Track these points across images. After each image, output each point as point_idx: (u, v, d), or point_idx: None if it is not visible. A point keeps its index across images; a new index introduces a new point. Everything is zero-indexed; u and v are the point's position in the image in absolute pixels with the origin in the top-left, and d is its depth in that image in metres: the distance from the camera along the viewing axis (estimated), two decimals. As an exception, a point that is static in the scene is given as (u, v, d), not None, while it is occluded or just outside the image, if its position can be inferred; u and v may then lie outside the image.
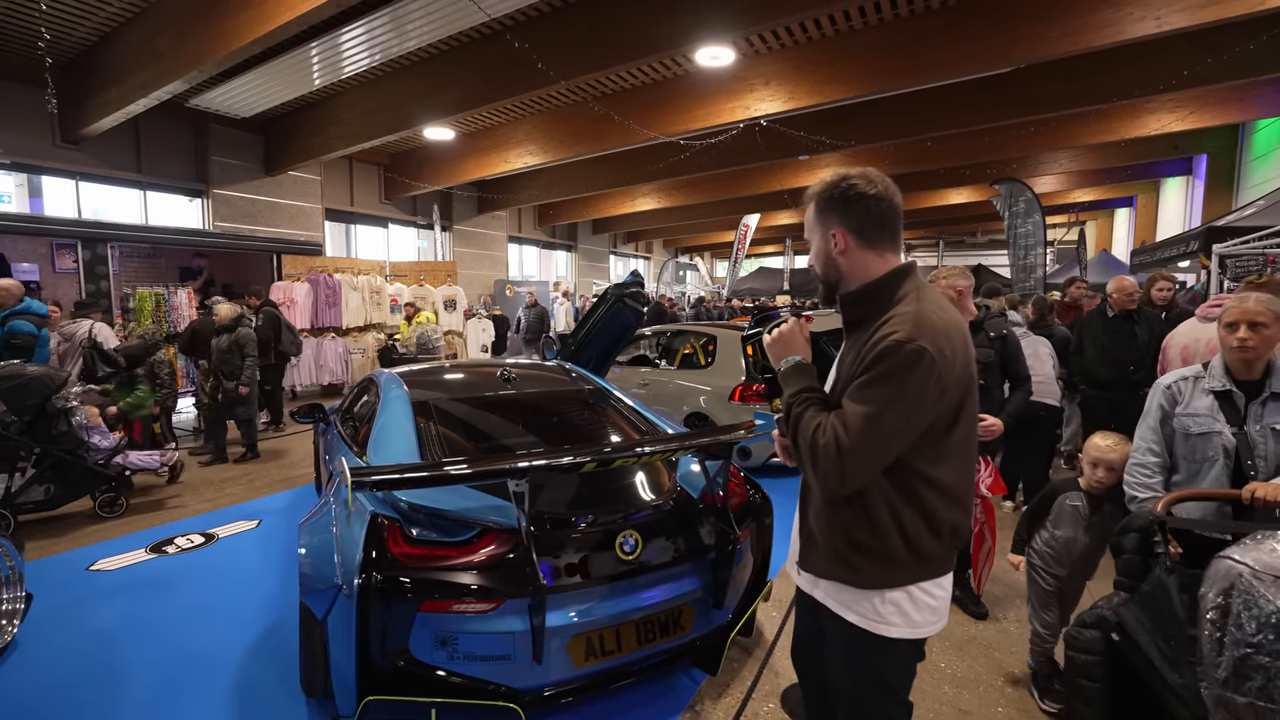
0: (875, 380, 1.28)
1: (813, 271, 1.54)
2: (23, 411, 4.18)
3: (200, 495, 5.16)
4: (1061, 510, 2.46)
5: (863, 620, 1.41)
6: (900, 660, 1.45)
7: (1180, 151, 12.36)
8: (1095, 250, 17.02)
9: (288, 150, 10.05)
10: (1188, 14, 6.07)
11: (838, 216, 1.42)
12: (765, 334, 1.55)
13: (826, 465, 1.29)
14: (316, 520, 2.43)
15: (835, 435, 1.28)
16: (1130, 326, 4.25)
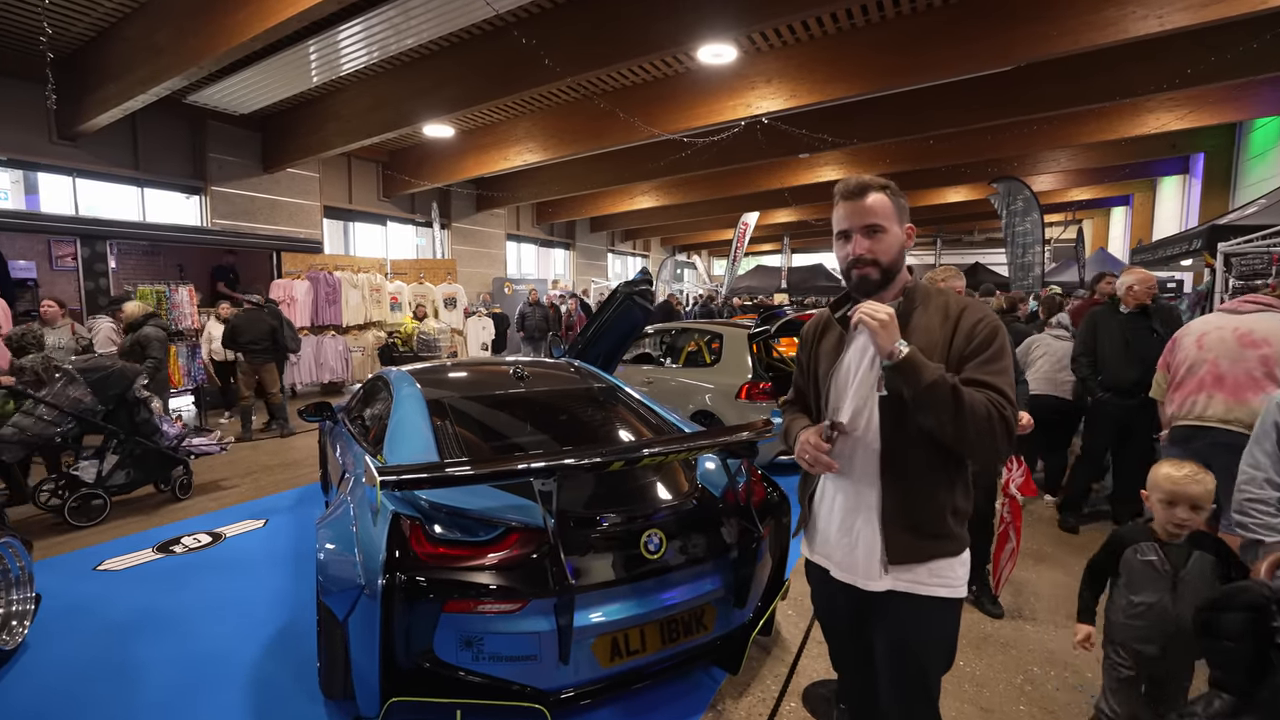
0: (998, 354, 1.46)
1: (870, 254, 1.52)
2: (108, 401, 4.50)
3: (205, 494, 5.12)
4: (1132, 568, 1.92)
5: (948, 588, 1.51)
6: (958, 618, 1.60)
7: (1178, 150, 12.42)
8: (1092, 249, 17.09)
9: (286, 147, 9.99)
10: (1190, 12, 6.09)
11: (907, 216, 1.58)
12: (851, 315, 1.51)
13: (1008, 433, 1.41)
14: (335, 520, 2.40)
15: (1010, 405, 1.41)
16: (1148, 323, 4.01)
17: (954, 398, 1.36)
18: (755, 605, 2.49)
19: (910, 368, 1.38)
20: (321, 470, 4.70)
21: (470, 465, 2.03)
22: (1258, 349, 2.83)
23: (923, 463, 1.48)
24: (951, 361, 1.46)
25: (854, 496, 1.56)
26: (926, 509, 1.49)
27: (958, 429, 1.38)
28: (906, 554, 1.49)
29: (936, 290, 1.58)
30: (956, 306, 1.52)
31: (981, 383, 1.41)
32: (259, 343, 6.96)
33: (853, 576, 1.58)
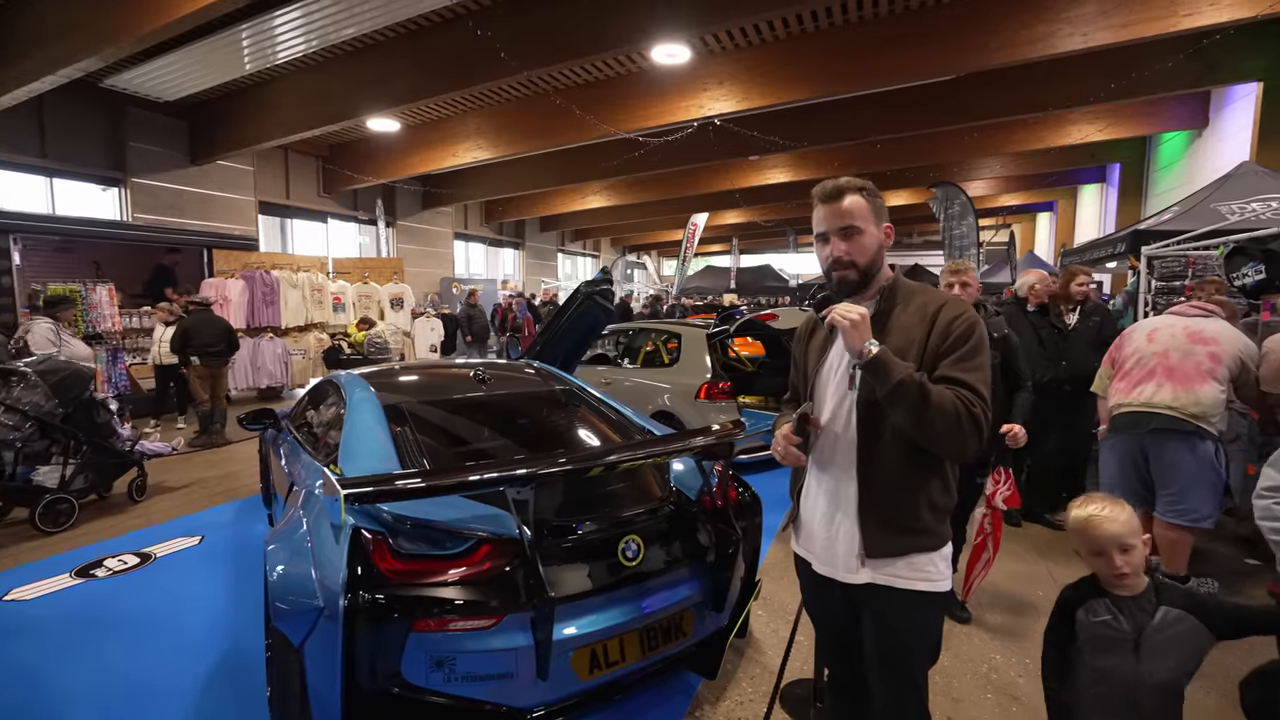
0: (974, 350, 1.47)
1: (846, 256, 1.55)
2: (67, 403, 4.42)
3: (131, 511, 4.74)
4: (1088, 632, 1.62)
5: (928, 582, 1.51)
6: (940, 613, 1.63)
7: (1097, 160, 13.27)
8: (1022, 252, 18.04)
9: (217, 138, 9.42)
10: (1111, 32, 6.49)
11: (886, 215, 1.59)
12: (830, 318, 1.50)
13: (976, 430, 1.40)
14: (287, 536, 2.23)
15: (980, 402, 1.41)
16: (1047, 319, 4.21)
17: (920, 396, 1.39)
18: (731, 608, 2.46)
19: (879, 366, 1.42)
20: (263, 481, 4.42)
21: (443, 474, 1.91)
22: (1207, 345, 3.12)
23: (897, 459, 1.50)
24: (928, 358, 1.48)
25: (834, 491, 1.59)
26: (901, 504, 1.50)
27: (925, 426, 1.40)
28: (883, 548, 1.51)
29: (919, 288, 1.60)
30: (935, 304, 1.54)
31: (953, 379, 1.43)
32: (215, 344, 6.73)
33: (833, 570, 1.61)
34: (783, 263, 24.41)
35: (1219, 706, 2.43)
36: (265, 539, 2.36)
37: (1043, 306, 4.24)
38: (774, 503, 2.74)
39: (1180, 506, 3.14)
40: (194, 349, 6.59)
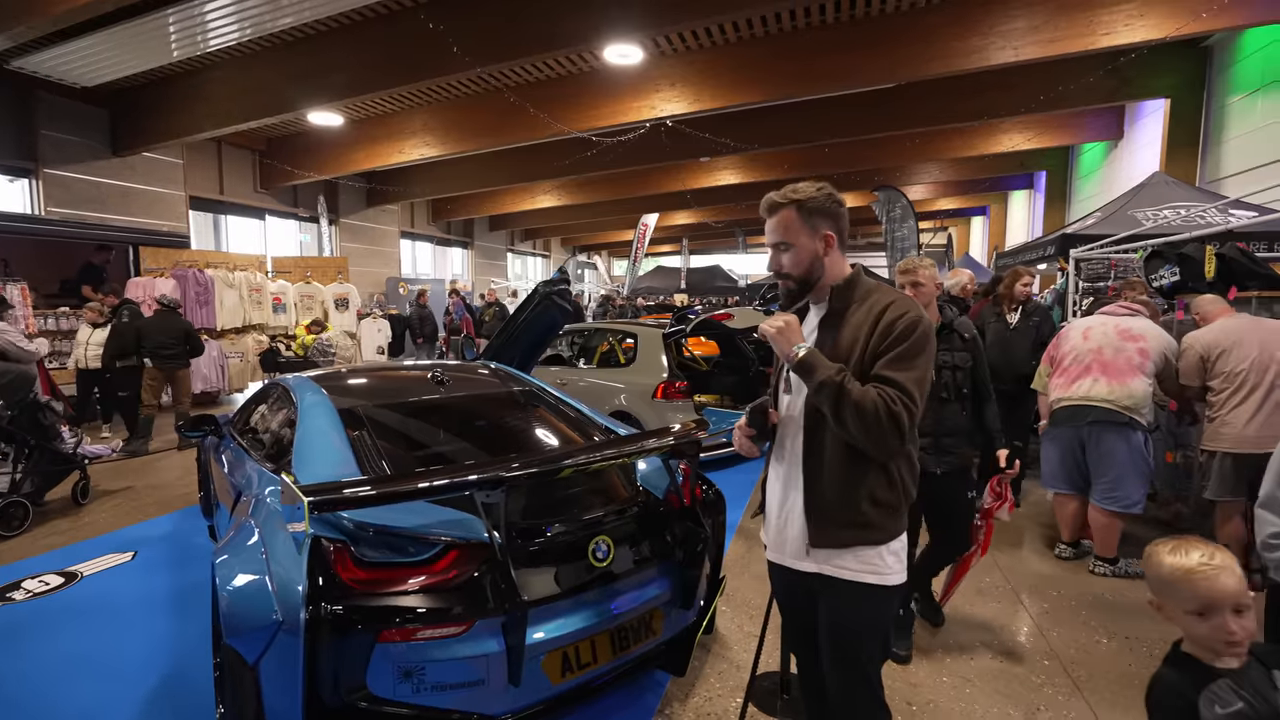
0: (912, 350, 1.49)
1: (781, 269, 1.64)
2: (12, 406, 4.42)
3: (52, 526, 4.41)
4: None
5: (876, 575, 1.56)
6: (896, 603, 1.69)
7: (1025, 168, 14.02)
8: (959, 254, 18.89)
9: (142, 128, 8.86)
10: (1039, 47, 6.89)
11: (829, 222, 1.61)
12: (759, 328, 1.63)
13: (898, 428, 1.44)
14: (239, 548, 2.13)
15: (902, 401, 1.44)
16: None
17: (839, 395, 1.45)
18: (698, 605, 2.48)
19: (804, 368, 1.51)
20: (202, 491, 4.19)
21: (412, 479, 1.86)
22: (1136, 342, 3.40)
23: (837, 455, 1.55)
24: (868, 357, 1.52)
25: (786, 483, 1.67)
26: (842, 498, 1.56)
27: (845, 423, 1.46)
28: (826, 539, 1.58)
29: (875, 287, 1.64)
30: (882, 304, 1.57)
31: (882, 378, 1.48)
32: (171, 346, 6.53)
33: (781, 556, 1.69)
34: (732, 263, 24.79)
35: None
36: (213, 552, 2.24)
37: (963, 307, 4.40)
38: (732, 499, 2.80)
39: (1115, 493, 3.37)
40: (147, 350, 6.44)
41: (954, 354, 2.70)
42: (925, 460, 2.49)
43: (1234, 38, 7.72)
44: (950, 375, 2.69)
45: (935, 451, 2.64)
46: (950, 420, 2.68)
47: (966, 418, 2.75)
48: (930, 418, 2.53)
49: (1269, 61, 7.21)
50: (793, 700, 2.41)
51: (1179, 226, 5.52)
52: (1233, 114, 7.87)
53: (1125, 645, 2.88)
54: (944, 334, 2.69)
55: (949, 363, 2.68)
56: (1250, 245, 4.92)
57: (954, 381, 2.69)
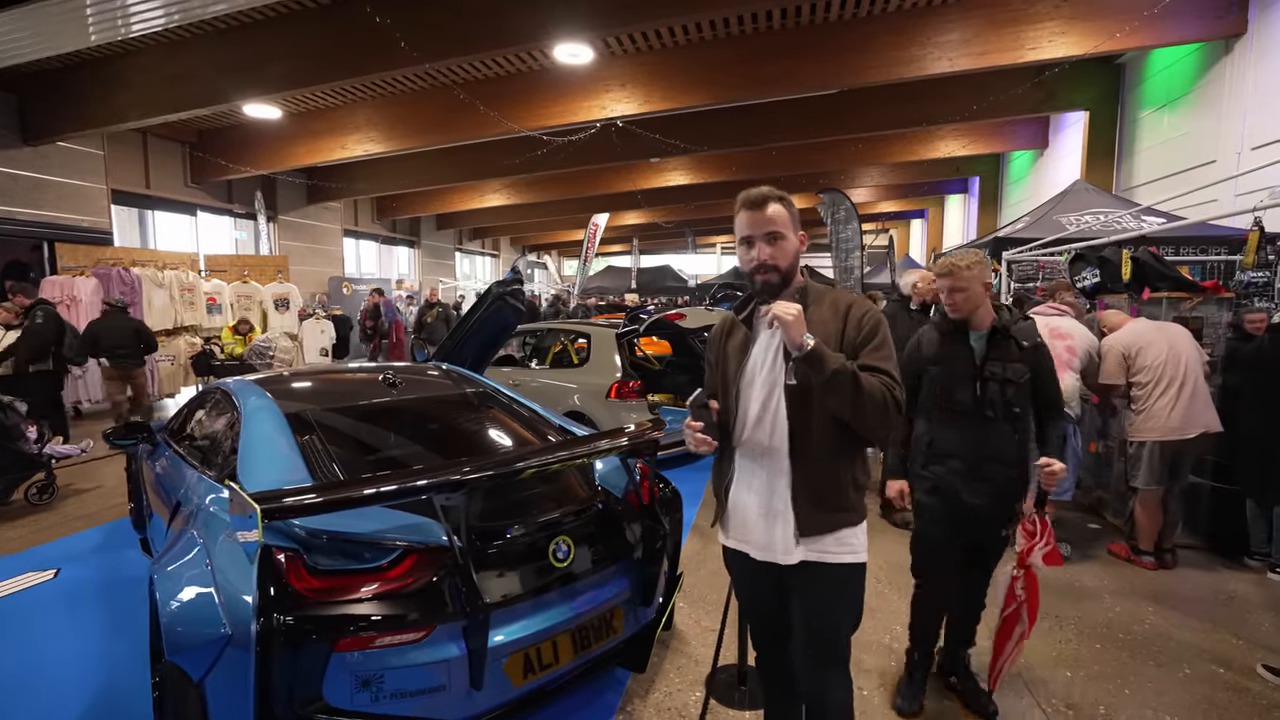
0: (884, 342, 1.63)
1: (770, 260, 1.66)
2: None
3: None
4: None
5: (853, 554, 1.66)
6: (863, 580, 1.74)
7: (960, 174, 14.71)
8: (900, 256, 19.60)
9: (58, 116, 8.27)
10: (971, 58, 7.26)
11: (799, 225, 1.71)
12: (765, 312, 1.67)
13: (898, 411, 1.56)
14: (179, 560, 2.03)
15: (897, 387, 1.57)
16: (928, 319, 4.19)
17: (854, 383, 1.53)
18: (658, 603, 2.51)
19: (816, 358, 1.54)
20: (133, 503, 3.95)
21: (365, 484, 1.82)
22: (1064, 340, 3.66)
23: (826, 443, 1.62)
24: (845, 350, 1.62)
25: (769, 480, 1.68)
26: (831, 485, 1.64)
27: (858, 410, 1.54)
28: (815, 527, 1.63)
29: (824, 289, 1.75)
30: (844, 302, 1.70)
31: (874, 368, 1.58)
32: (125, 346, 6.58)
33: (771, 554, 1.69)
34: (682, 263, 25.03)
35: None
36: (151, 566, 2.13)
37: (925, 306, 4.31)
38: (688, 496, 2.84)
39: None
40: (102, 351, 6.50)
41: (1006, 365, 2.26)
42: (956, 486, 2.28)
43: (1143, 57, 8.31)
44: (998, 390, 2.26)
45: (971, 477, 2.28)
46: (997, 444, 2.26)
47: (1019, 443, 2.29)
48: (969, 438, 2.28)
49: (1172, 80, 7.80)
50: (750, 691, 2.48)
51: (1099, 231, 5.90)
52: (1144, 127, 8.47)
53: (1055, 624, 3.07)
54: (996, 340, 2.29)
55: (998, 375, 2.26)
56: (1160, 249, 5.32)
57: (1002, 398, 2.25)
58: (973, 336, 2.34)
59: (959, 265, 2.26)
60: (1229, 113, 6.78)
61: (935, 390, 2.37)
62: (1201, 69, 7.25)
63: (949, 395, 2.33)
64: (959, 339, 2.35)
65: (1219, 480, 3.87)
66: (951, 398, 2.32)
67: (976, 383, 2.29)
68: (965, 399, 2.29)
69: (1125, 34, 6.63)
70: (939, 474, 2.34)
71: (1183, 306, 4.29)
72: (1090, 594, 3.39)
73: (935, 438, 2.37)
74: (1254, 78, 6.42)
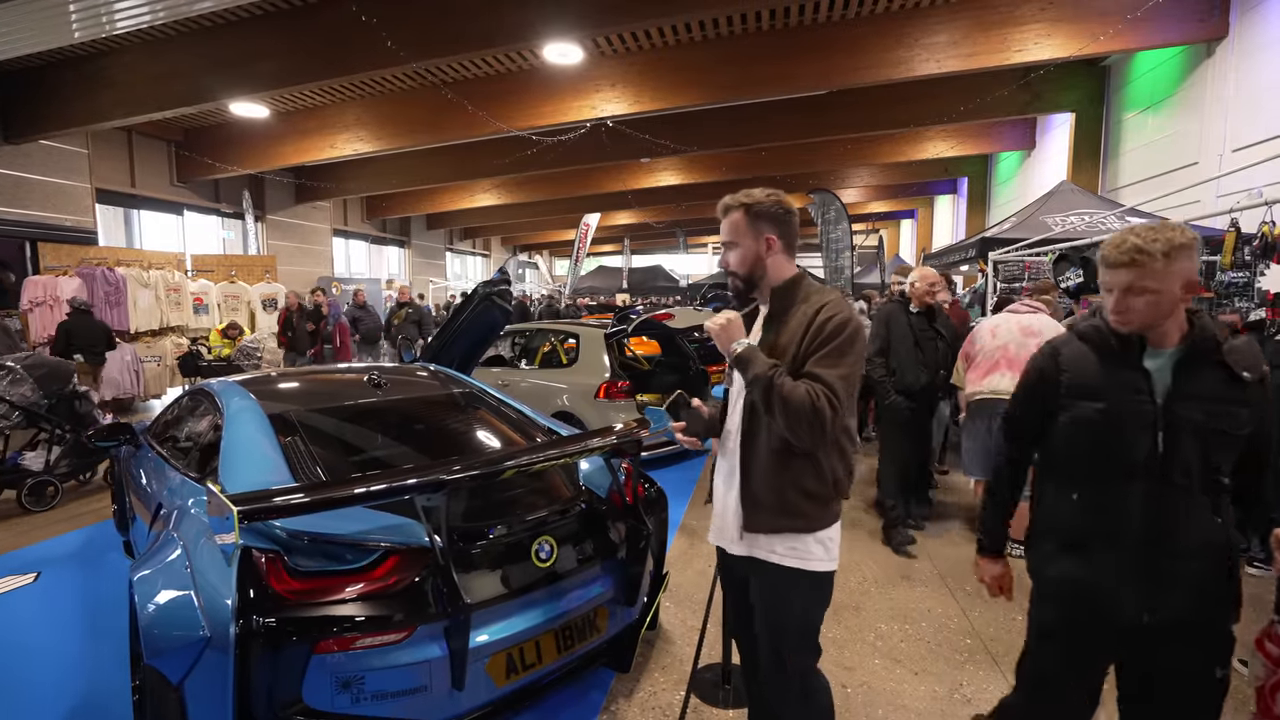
0: (841, 349, 1.58)
1: (728, 266, 1.76)
2: (50, 395, 4.85)
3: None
4: None
5: (801, 561, 1.66)
6: (825, 593, 1.73)
7: (949, 174, 14.82)
8: (890, 255, 19.70)
9: (39, 114, 8.18)
10: (959, 60, 7.31)
11: (772, 226, 1.71)
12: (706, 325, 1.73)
13: (820, 422, 1.51)
14: (159, 562, 2.02)
15: (827, 396, 1.52)
16: (932, 324, 4.00)
17: (769, 388, 1.55)
18: (642, 602, 2.52)
19: (741, 363, 1.62)
20: (117, 504, 3.92)
21: (346, 485, 1.82)
22: (1035, 337, 3.68)
23: (769, 446, 1.65)
24: (800, 356, 1.60)
25: (727, 471, 1.79)
26: (773, 486, 1.66)
27: (777, 415, 1.56)
28: (755, 524, 1.68)
29: (818, 289, 1.71)
30: (816, 304, 1.65)
31: (810, 375, 1.56)
32: (99, 344, 6.94)
33: (721, 540, 1.81)
34: (673, 263, 25.07)
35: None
36: (130, 568, 2.12)
37: (929, 309, 3.99)
38: (674, 496, 2.85)
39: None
40: (78, 348, 6.75)
41: (1212, 406, 1.42)
42: (1110, 589, 1.47)
43: (1128, 60, 8.40)
44: (1195, 446, 1.42)
45: (1140, 577, 1.45)
46: (1187, 527, 1.43)
47: (1223, 525, 1.45)
48: (1140, 516, 1.44)
49: (1156, 82, 7.89)
50: (734, 689, 2.49)
51: (1084, 231, 5.97)
52: (1128, 129, 8.56)
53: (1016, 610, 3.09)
54: (1193, 365, 1.44)
55: (1196, 421, 1.42)
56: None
57: (1202, 457, 1.42)
58: (1151, 358, 1.46)
59: (1148, 249, 1.37)
60: (1211, 115, 6.87)
61: (1082, 439, 1.52)
62: (1185, 72, 7.34)
63: (1107, 449, 1.48)
64: (1128, 361, 1.47)
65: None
66: (1111, 453, 1.47)
67: (1157, 432, 1.42)
68: (1137, 456, 1.44)
69: (1109, 37, 6.70)
70: (1078, 571, 1.52)
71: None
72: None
73: (1076, 513, 1.53)
74: (1235, 80, 6.51)
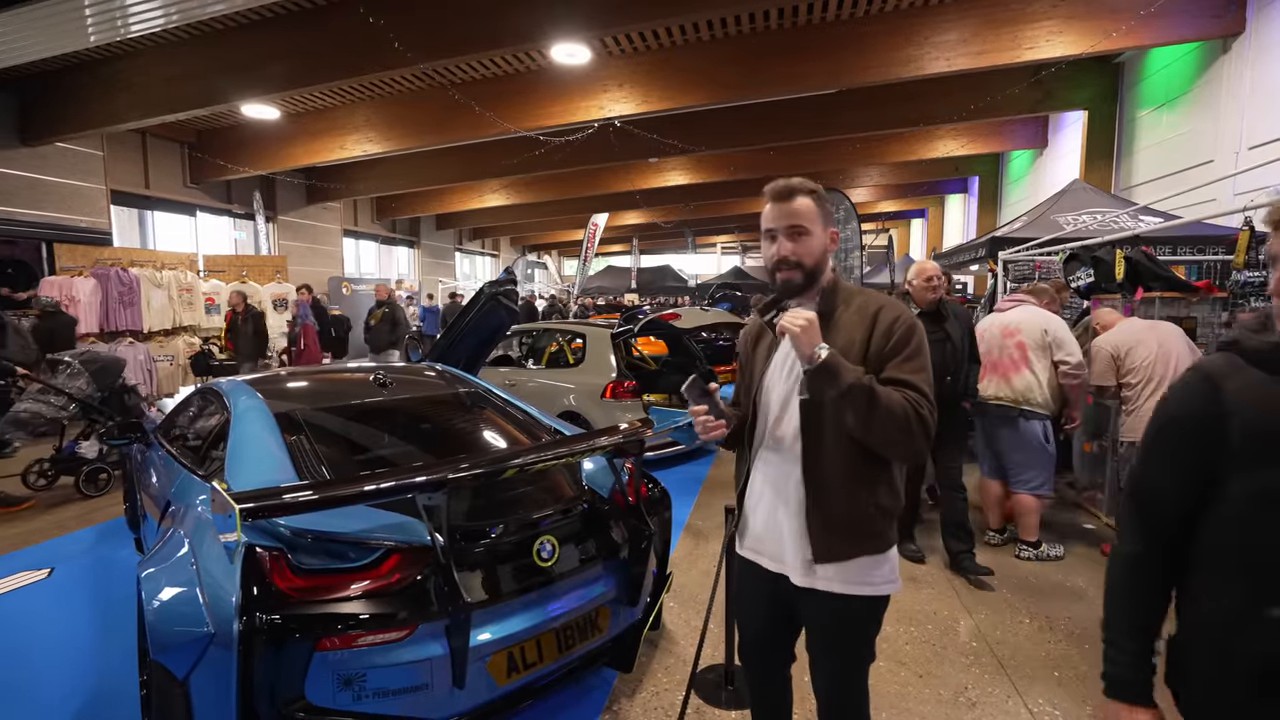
0: (916, 353, 1.48)
1: (794, 257, 1.53)
2: (104, 388, 5.13)
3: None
4: None
5: (871, 587, 1.51)
6: (882, 614, 1.60)
7: (960, 173, 14.68)
8: (900, 255, 19.58)
9: (55, 117, 8.30)
10: (969, 58, 7.25)
11: (832, 221, 1.59)
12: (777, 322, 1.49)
13: (925, 432, 1.42)
14: (166, 559, 2.04)
15: (927, 404, 1.42)
16: (940, 325, 3.54)
17: (870, 398, 1.39)
18: (645, 602, 2.52)
19: (829, 371, 1.40)
20: (128, 502, 3.97)
21: (345, 484, 1.83)
22: (1013, 337, 3.69)
23: (843, 462, 1.48)
24: (871, 360, 1.47)
25: (779, 494, 1.58)
26: (847, 508, 1.49)
27: (876, 428, 1.41)
28: (830, 552, 1.50)
29: (857, 289, 1.61)
30: (874, 305, 1.53)
31: (900, 381, 1.43)
32: (73, 341, 7.02)
33: (782, 567, 1.59)
34: (682, 263, 25.05)
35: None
36: (138, 565, 2.14)
37: (937, 310, 3.56)
38: (679, 496, 2.84)
39: (1020, 477, 3.69)
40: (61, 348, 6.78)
41: None
42: None
43: (1142, 56, 8.29)
44: None
45: None
46: None
47: None
48: None
49: (1171, 79, 7.79)
50: (737, 691, 2.48)
51: (1096, 231, 5.89)
52: (1142, 126, 8.45)
53: (1045, 625, 3.07)
54: None
55: None
56: (1156, 249, 5.31)
57: None
58: None
59: None
60: (1227, 112, 6.76)
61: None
62: (1200, 68, 7.23)
63: None
64: None
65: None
66: None
67: None
68: None
69: (1122, 33, 6.62)
70: None
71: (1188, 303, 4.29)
72: (1081, 594, 3.39)
73: None
74: (1252, 77, 6.40)
